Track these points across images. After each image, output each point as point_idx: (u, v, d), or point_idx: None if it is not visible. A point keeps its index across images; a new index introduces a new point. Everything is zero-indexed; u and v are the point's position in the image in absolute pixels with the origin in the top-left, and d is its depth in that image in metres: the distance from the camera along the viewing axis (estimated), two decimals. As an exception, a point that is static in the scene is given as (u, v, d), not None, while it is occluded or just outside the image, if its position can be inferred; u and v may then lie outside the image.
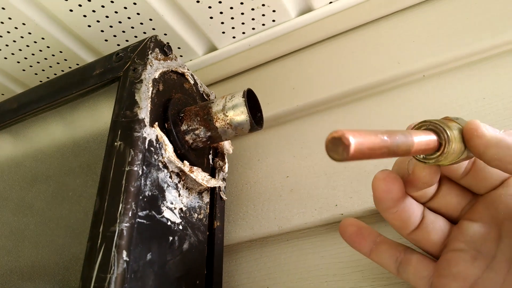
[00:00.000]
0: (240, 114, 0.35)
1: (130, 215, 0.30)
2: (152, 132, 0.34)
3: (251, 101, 0.37)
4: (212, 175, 0.42)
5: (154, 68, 0.37)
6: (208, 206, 0.39)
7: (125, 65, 0.37)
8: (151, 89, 0.35)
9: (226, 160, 0.42)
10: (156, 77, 0.36)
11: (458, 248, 0.27)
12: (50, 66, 0.56)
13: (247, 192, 0.45)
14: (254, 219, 0.43)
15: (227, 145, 0.43)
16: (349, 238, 0.31)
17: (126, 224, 0.29)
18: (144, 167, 0.32)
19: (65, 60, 0.55)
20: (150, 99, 0.35)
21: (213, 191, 0.41)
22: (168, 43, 0.40)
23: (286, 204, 0.42)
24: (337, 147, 0.18)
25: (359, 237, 0.30)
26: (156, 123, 0.35)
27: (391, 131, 0.22)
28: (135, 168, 0.31)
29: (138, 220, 0.30)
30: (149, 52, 0.37)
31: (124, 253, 0.28)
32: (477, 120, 0.24)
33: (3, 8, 0.48)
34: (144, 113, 0.34)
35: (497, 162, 0.23)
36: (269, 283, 0.40)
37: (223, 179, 0.42)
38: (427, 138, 0.23)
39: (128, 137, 0.33)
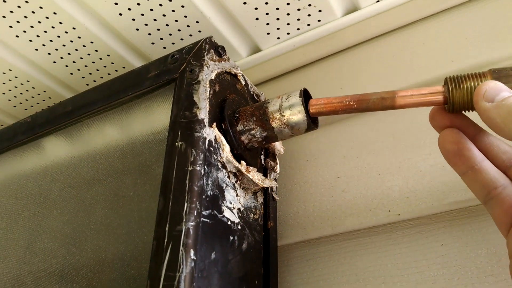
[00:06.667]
0: (297, 114, 0.35)
1: (195, 214, 0.30)
2: (211, 132, 0.34)
3: (306, 100, 0.37)
4: (264, 175, 0.42)
5: (210, 69, 0.37)
6: (262, 207, 0.39)
7: (180, 66, 0.38)
8: (208, 89, 0.36)
9: (278, 160, 0.42)
10: (213, 78, 0.37)
11: None
12: (97, 70, 0.57)
13: (296, 193, 0.45)
14: (305, 219, 0.43)
15: (278, 146, 0.43)
16: (445, 155, 0.29)
17: (192, 223, 0.30)
18: (205, 167, 0.32)
19: (112, 63, 0.56)
20: (208, 100, 0.35)
21: (265, 191, 0.41)
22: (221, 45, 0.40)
23: (338, 205, 0.42)
24: None
25: (456, 158, 0.28)
26: (214, 123, 0.35)
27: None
28: (198, 168, 0.32)
29: (203, 219, 0.31)
30: (205, 53, 0.37)
31: (192, 252, 0.29)
32: (485, 85, 0.26)
33: (54, 13, 0.49)
34: (203, 113, 0.34)
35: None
36: (323, 284, 0.40)
37: (275, 180, 0.42)
38: (421, 92, 0.29)
39: (189, 137, 0.33)
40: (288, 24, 0.51)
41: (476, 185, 0.28)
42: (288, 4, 0.48)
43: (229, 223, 0.34)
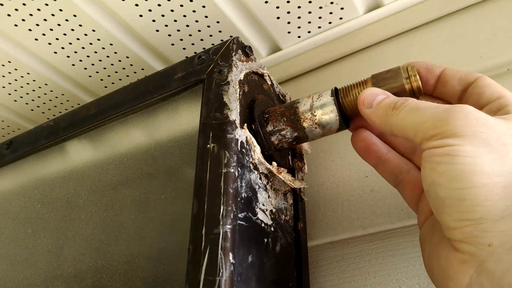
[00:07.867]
0: (329, 113, 0.34)
1: (232, 217, 0.30)
2: (242, 134, 0.34)
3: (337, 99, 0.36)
4: (292, 176, 0.41)
5: (239, 70, 0.37)
6: (292, 208, 0.39)
7: (208, 67, 0.37)
8: (238, 90, 0.35)
9: (305, 160, 0.42)
10: (242, 78, 0.36)
11: None
12: (116, 72, 0.57)
13: (323, 193, 0.44)
14: (334, 220, 0.42)
15: (305, 146, 0.42)
16: (357, 151, 0.34)
17: (229, 226, 0.29)
18: (239, 169, 0.32)
19: (131, 65, 0.56)
20: (238, 101, 0.35)
21: (294, 192, 0.40)
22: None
23: (368, 205, 0.41)
24: None
25: (366, 153, 0.34)
26: (245, 124, 0.34)
27: None
28: (232, 170, 0.31)
29: (239, 222, 0.30)
30: (233, 53, 0.37)
31: (230, 256, 0.28)
32: (364, 93, 0.30)
33: (74, 16, 0.49)
34: (234, 114, 0.34)
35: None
36: (354, 285, 0.39)
37: (302, 180, 0.42)
38: None
39: (221, 139, 0.33)
40: (309, 22, 0.50)
41: (386, 173, 0.33)
42: (310, 2, 0.48)
43: (263, 225, 0.33)
